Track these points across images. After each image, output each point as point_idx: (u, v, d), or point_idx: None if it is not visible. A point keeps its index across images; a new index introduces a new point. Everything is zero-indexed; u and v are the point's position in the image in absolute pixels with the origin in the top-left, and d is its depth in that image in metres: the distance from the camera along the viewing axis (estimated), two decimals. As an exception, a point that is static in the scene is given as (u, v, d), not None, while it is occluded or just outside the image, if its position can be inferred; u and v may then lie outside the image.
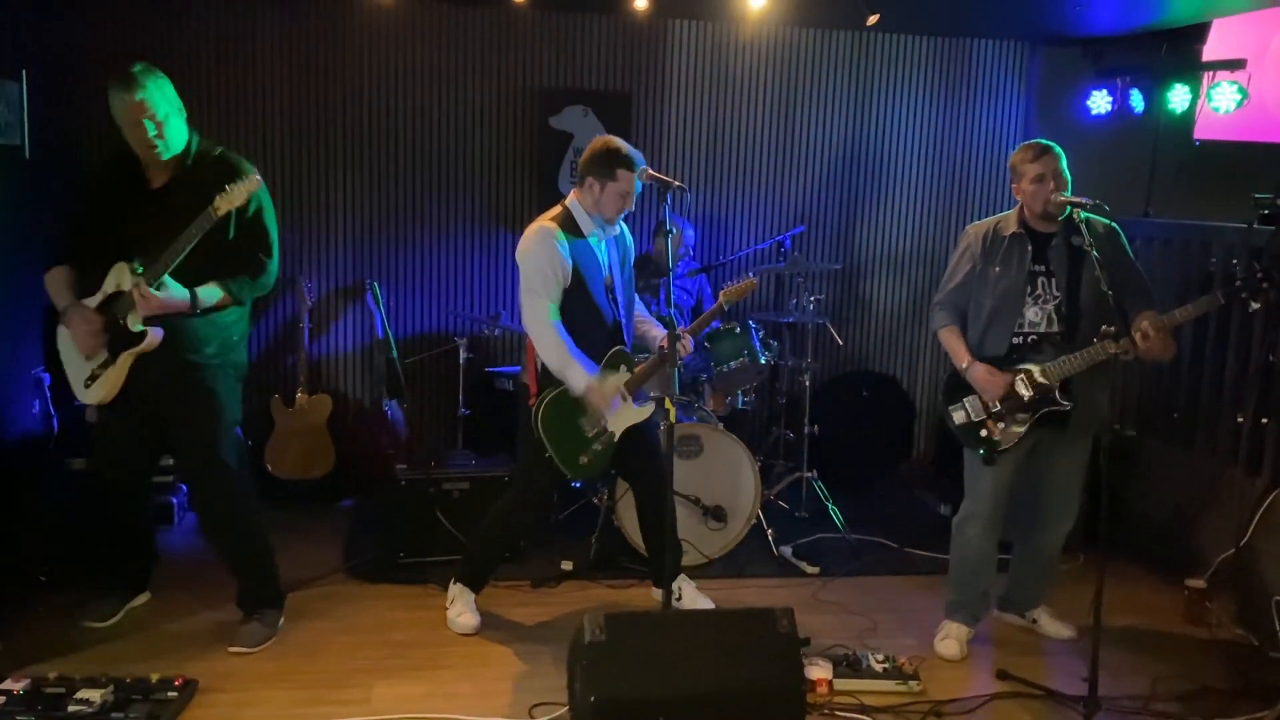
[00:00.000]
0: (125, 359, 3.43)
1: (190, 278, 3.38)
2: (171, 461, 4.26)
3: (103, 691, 3.08)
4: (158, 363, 3.44)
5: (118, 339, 3.43)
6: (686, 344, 3.61)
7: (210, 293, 3.43)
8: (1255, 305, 3.42)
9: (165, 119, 3.36)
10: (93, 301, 3.46)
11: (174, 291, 3.33)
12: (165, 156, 3.40)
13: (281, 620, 3.76)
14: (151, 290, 3.28)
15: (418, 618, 3.89)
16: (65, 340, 3.51)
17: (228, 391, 3.62)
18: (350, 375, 5.62)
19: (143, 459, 3.73)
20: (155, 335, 3.40)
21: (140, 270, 3.31)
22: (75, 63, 4.97)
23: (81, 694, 3.07)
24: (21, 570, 3.91)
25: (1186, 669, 3.68)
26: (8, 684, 3.11)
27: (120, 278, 3.41)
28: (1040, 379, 3.51)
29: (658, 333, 3.87)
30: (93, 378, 3.47)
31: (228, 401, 3.62)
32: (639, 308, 3.96)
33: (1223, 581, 4.16)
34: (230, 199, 3.30)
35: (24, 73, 4.41)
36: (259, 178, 3.40)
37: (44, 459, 4.55)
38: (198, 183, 3.40)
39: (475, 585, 3.87)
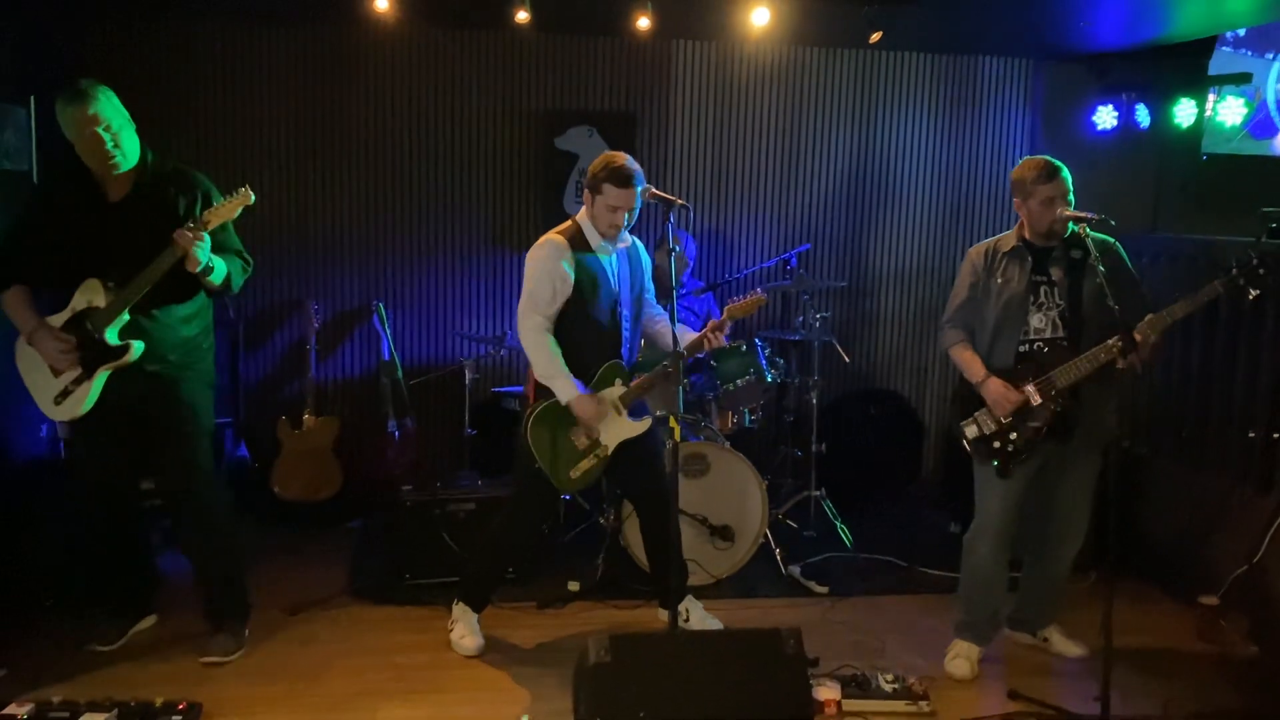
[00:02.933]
0: (100, 374, 3.42)
1: (183, 285, 3.42)
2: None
3: (107, 715, 3.08)
4: (130, 375, 3.44)
5: (92, 355, 3.41)
6: (718, 338, 3.63)
7: (219, 266, 3.43)
8: (1254, 293, 3.39)
9: (120, 130, 3.37)
10: (59, 319, 3.44)
11: (205, 249, 3.34)
12: (123, 168, 3.40)
13: (248, 630, 3.77)
14: (200, 229, 3.30)
15: (423, 640, 3.87)
16: (28, 359, 3.49)
17: (202, 400, 3.64)
18: (357, 397, 5.63)
19: (124, 476, 3.71)
20: (136, 347, 3.41)
21: (112, 287, 3.36)
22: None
23: (86, 718, 3.07)
24: (27, 594, 3.91)
25: (1199, 688, 3.64)
26: (12, 708, 3.10)
27: (92, 294, 3.41)
28: (1049, 386, 3.50)
29: (667, 328, 3.78)
30: (64, 394, 3.45)
31: (202, 410, 3.65)
32: (657, 311, 3.95)
33: (1235, 599, 4.10)
34: (220, 212, 3.34)
35: (32, 98, 4.45)
36: (253, 193, 3.40)
37: (50, 482, 4.55)
38: (159, 195, 3.44)
39: (477, 605, 3.85)
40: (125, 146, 3.39)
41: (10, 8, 4.38)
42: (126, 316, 3.40)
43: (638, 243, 3.84)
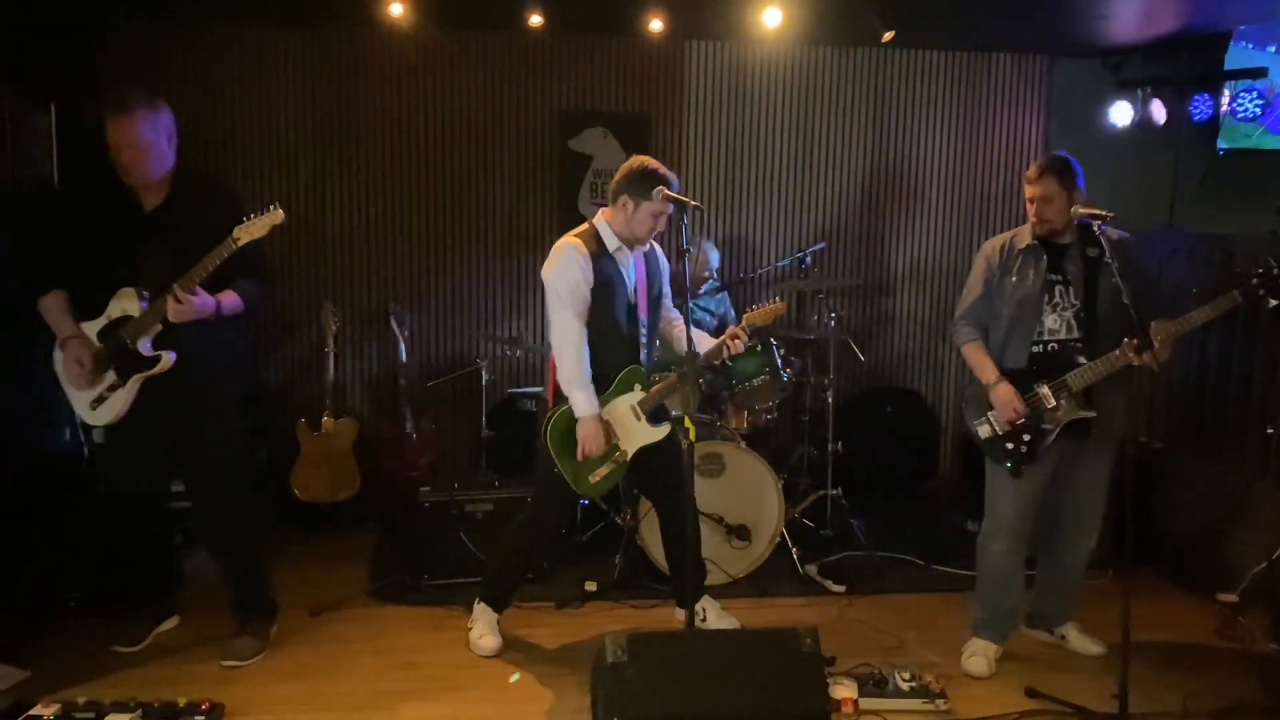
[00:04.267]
0: (135, 382, 3.47)
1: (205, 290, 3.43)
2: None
3: (131, 715, 3.11)
4: (166, 382, 3.48)
5: (126, 363, 3.46)
6: (736, 345, 3.63)
7: (230, 300, 3.49)
8: (1274, 302, 3.37)
9: (155, 146, 3.40)
10: (94, 327, 3.49)
11: (205, 298, 3.39)
12: (154, 177, 3.43)
13: (274, 630, 3.81)
14: (188, 296, 3.32)
15: (442, 639, 3.89)
16: (61, 365, 3.55)
17: (235, 404, 3.70)
18: (375, 399, 5.66)
19: (152, 479, 3.76)
20: (169, 358, 3.45)
21: (147, 296, 3.39)
22: (104, 94, 5.04)
23: (110, 718, 3.10)
24: (51, 595, 3.95)
25: (1219, 685, 3.62)
26: (38, 709, 3.14)
27: (126, 303, 3.45)
28: (1062, 389, 3.49)
29: (684, 330, 3.79)
30: (99, 400, 3.51)
31: (234, 412, 3.70)
32: (674, 314, 3.94)
33: (1255, 596, 4.09)
34: (251, 230, 3.35)
35: (52, 104, 4.49)
36: (282, 212, 3.42)
37: (73, 484, 4.60)
38: (191, 203, 3.48)
39: (498, 606, 3.88)
40: (162, 157, 3.42)
41: (31, 12, 4.43)
42: (160, 327, 3.43)
43: (656, 247, 3.83)
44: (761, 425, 5.07)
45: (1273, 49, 4.81)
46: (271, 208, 3.40)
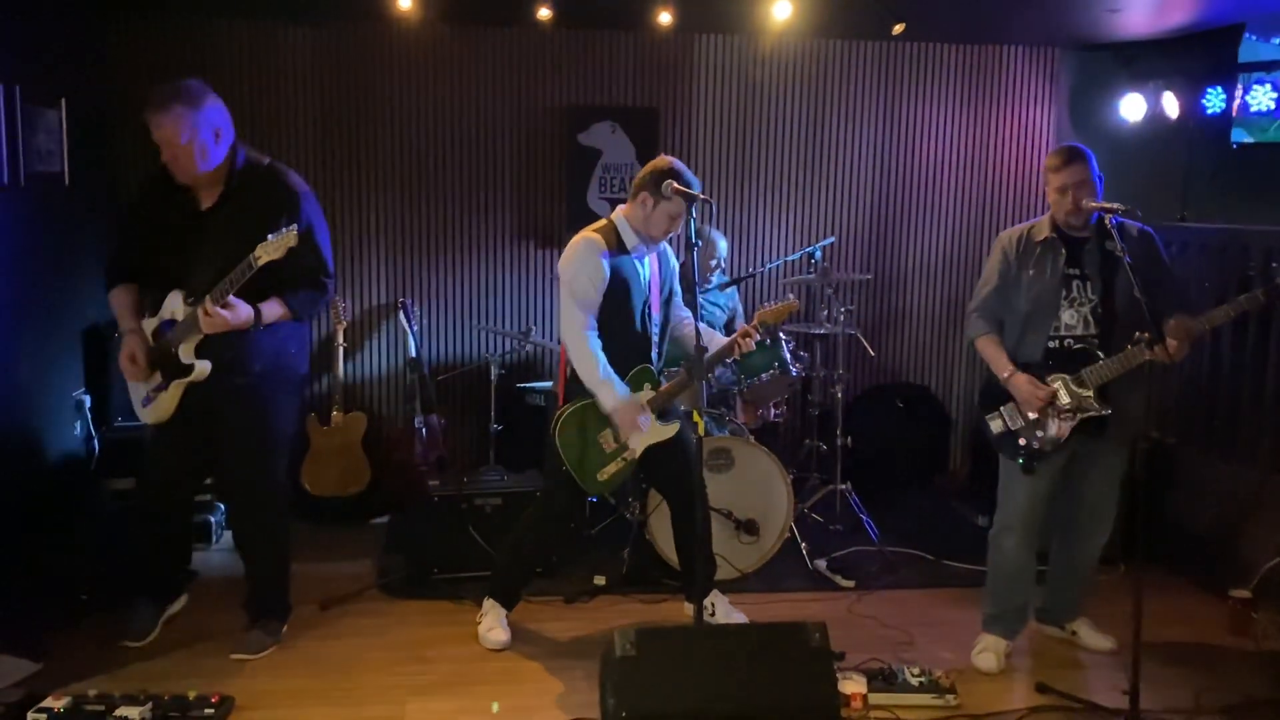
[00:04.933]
0: (176, 387, 3.49)
1: (251, 296, 3.38)
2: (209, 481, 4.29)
3: (141, 709, 3.11)
4: (210, 385, 3.49)
5: (169, 366, 3.48)
6: (748, 344, 3.61)
7: (272, 309, 3.45)
8: None
9: (197, 138, 3.32)
10: (151, 325, 3.55)
11: (239, 310, 3.35)
12: (202, 171, 3.37)
13: (285, 629, 3.82)
14: (217, 309, 3.29)
15: (451, 633, 3.90)
16: None
17: (284, 406, 3.67)
18: (384, 393, 5.67)
19: (189, 483, 3.81)
20: (204, 367, 3.45)
21: (191, 301, 3.37)
22: (113, 89, 5.07)
23: (120, 711, 3.10)
24: (62, 590, 3.96)
25: (1232, 681, 3.60)
26: (49, 702, 3.14)
27: (175, 305, 3.46)
28: (1078, 386, 3.46)
29: (693, 328, 3.78)
30: (147, 400, 3.56)
31: (284, 416, 3.68)
32: (684, 312, 3.94)
33: (1268, 592, 4.07)
34: (270, 250, 3.26)
35: (63, 101, 4.50)
36: (296, 232, 3.30)
37: (85, 480, 4.62)
38: (243, 202, 3.43)
39: (507, 601, 3.88)
40: (205, 154, 3.35)
41: (41, 6, 4.44)
42: (200, 335, 3.39)
43: (666, 245, 3.83)
44: (770, 420, 5.07)
45: (1278, 41, 4.77)
46: (286, 230, 3.29)
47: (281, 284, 3.45)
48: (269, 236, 3.26)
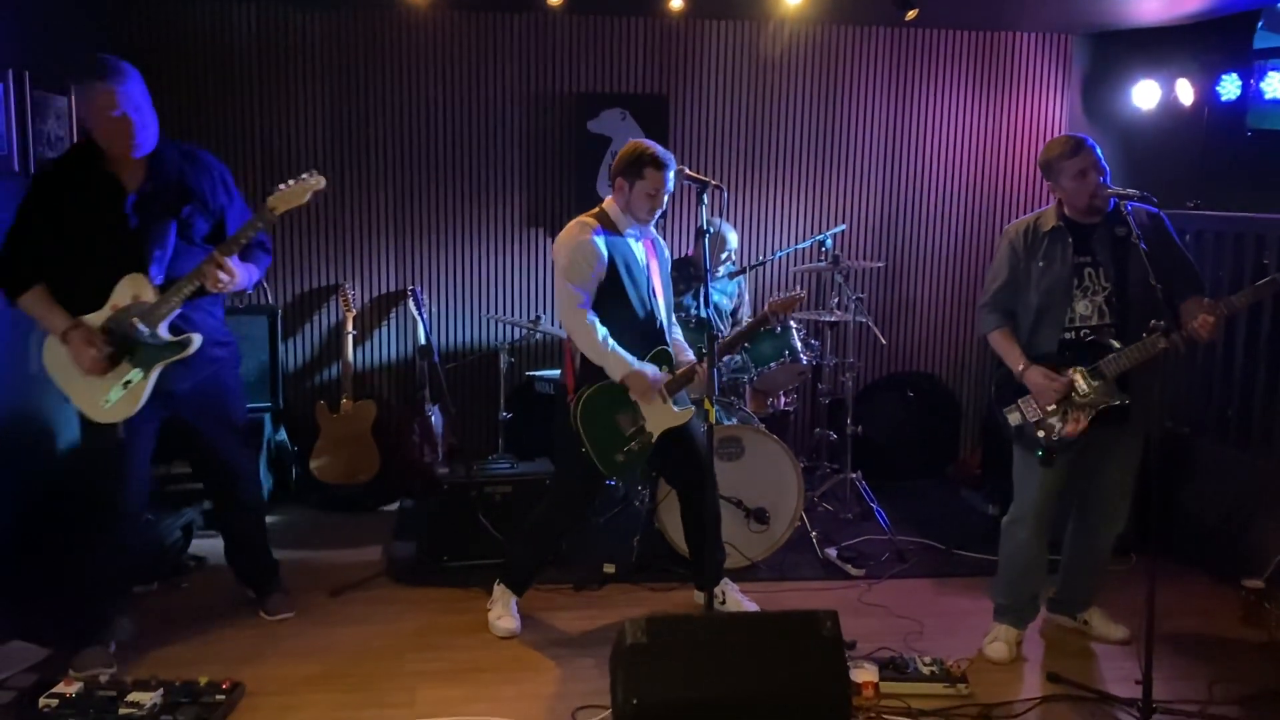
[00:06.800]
0: (156, 370, 3.31)
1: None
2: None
3: (152, 694, 3.12)
4: (182, 368, 3.38)
5: (148, 351, 3.29)
6: (704, 370, 3.62)
7: (254, 273, 3.48)
8: None
9: (144, 113, 3.22)
10: (98, 318, 3.28)
11: (242, 266, 3.37)
12: (142, 153, 3.25)
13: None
14: (229, 261, 3.27)
15: (461, 621, 3.90)
16: (60, 363, 3.30)
17: (238, 382, 3.77)
18: (393, 381, 5.67)
19: (149, 478, 3.58)
20: (197, 339, 3.35)
21: (159, 283, 3.30)
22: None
23: (132, 697, 3.11)
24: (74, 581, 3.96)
25: (1245, 671, 3.58)
26: (60, 687, 3.16)
27: (139, 289, 3.27)
28: (1095, 377, 3.43)
29: (686, 357, 3.86)
30: (117, 392, 3.29)
31: (241, 393, 3.79)
32: (677, 333, 3.97)
33: (1282, 582, 4.05)
34: (289, 198, 3.26)
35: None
36: (323, 178, 3.34)
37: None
38: (178, 180, 3.34)
39: (518, 588, 3.88)
40: (148, 131, 3.24)
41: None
42: (178, 309, 3.31)
43: (658, 238, 3.87)
44: (781, 408, 5.05)
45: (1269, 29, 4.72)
46: (308, 175, 3.28)
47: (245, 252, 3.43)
48: (279, 187, 3.27)
